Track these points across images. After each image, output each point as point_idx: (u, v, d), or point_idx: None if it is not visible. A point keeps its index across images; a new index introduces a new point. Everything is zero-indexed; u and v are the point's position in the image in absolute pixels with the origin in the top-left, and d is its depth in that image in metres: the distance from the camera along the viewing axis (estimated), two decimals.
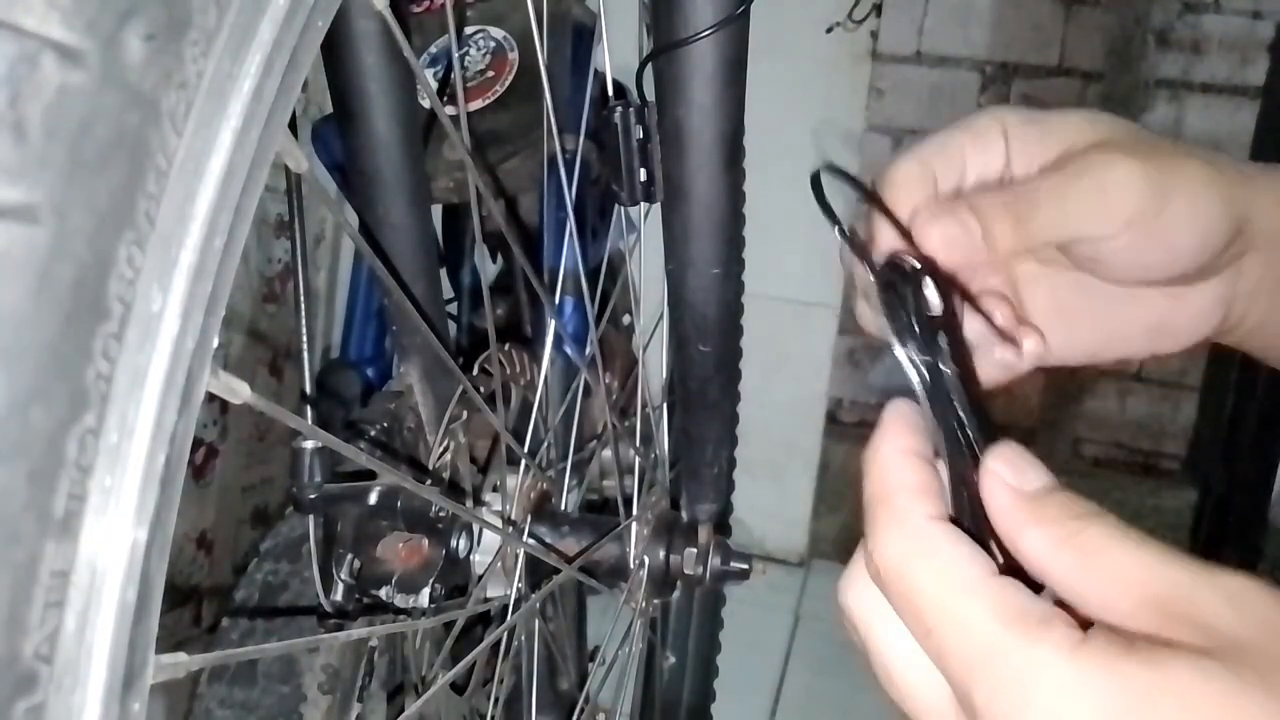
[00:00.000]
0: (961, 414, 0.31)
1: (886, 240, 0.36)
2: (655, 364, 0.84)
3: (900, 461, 0.31)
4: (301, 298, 0.58)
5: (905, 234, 0.36)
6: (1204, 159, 0.38)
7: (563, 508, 0.72)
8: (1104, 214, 0.36)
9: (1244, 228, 0.38)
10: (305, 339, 0.58)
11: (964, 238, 0.35)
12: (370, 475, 0.55)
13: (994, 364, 0.39)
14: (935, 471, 0.31)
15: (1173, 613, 0.26)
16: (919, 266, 0.34)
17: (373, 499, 0.56)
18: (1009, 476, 0.29)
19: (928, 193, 0.37)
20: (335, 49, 0.51)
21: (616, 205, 0.80)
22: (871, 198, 0.37)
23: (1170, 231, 0.36)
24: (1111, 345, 0.42)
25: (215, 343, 0.24)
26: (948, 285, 0.34)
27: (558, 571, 0.65)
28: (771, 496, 2.20)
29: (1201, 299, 0.41)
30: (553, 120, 0.66)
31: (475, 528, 0.61)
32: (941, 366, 0.32)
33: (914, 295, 0.33)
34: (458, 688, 0.66)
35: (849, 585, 0.32)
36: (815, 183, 0.35)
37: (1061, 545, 0.28)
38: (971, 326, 0.37)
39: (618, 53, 0.69)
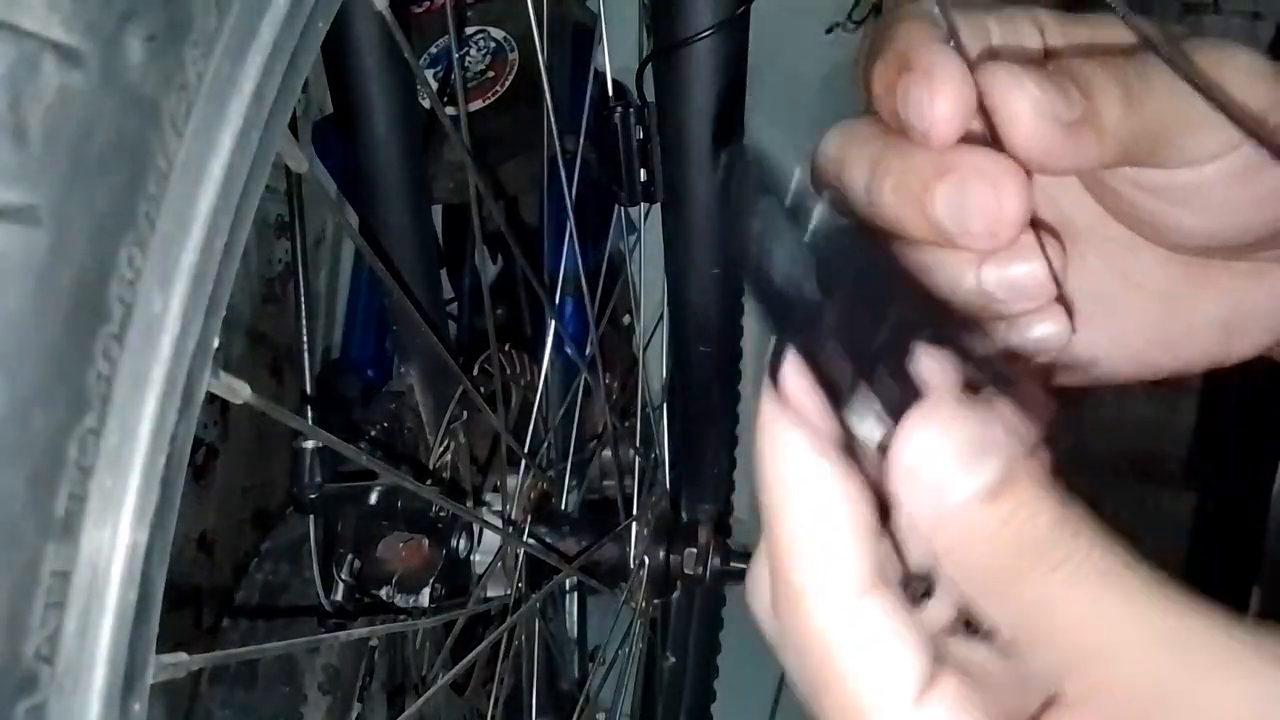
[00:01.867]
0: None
1: (949, 92, 0.23)
2: (655, 364, 0.84)
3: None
4: (302, 299, 0.58)
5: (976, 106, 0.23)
6: None
7: (563, 508, 0.72)
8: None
9: None
10: (305, 340, 0.58)
11: (1062, 111, 0.22)
12: (371, 476, 0.55)
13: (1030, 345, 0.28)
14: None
15: None
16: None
17: (373, 499, 0.56)
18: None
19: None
20: (336, 50, 0.51)
21: (616, 205, 0.81)
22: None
23: None
24: (1172, 346, 0.32)
25: (216, 344, 0.24)
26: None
27: (558, 571, 0.65)
28: None
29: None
30: (553, 121, 0.66)
31: (475, 528, 0.61)
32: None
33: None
34: (458, 688, 0.66)
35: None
36: None
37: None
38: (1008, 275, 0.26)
39: (618, 53, 0.69)
